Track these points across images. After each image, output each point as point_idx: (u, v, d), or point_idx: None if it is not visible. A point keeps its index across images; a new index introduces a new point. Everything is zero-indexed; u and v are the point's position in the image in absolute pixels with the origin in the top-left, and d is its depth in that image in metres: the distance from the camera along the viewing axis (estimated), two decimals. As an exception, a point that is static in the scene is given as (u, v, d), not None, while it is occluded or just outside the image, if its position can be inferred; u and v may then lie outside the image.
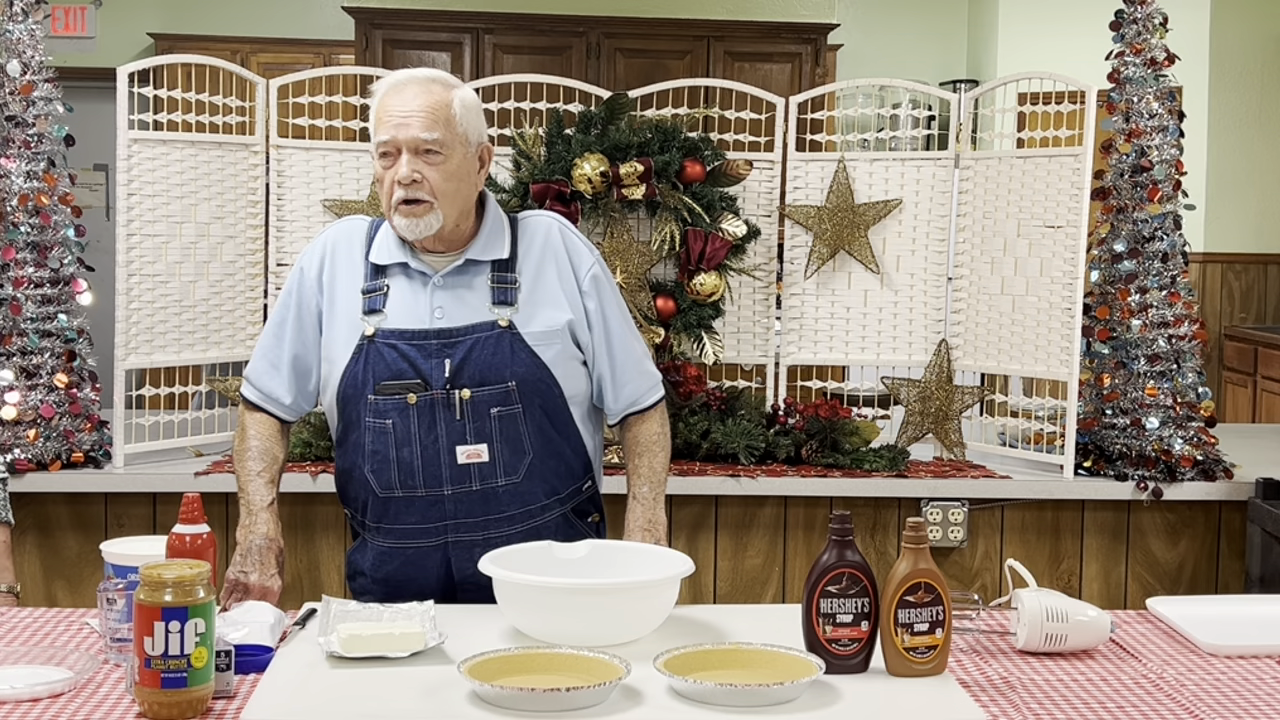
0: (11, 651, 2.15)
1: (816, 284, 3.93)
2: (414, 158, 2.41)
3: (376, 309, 2.48)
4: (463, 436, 2.45)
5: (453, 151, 2.43)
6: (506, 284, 2.49)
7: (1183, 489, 3.66)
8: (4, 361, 3.51)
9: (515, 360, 2.45)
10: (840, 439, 3.72)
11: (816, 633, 2.08)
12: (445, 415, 2.44)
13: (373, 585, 2.53)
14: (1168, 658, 2.25)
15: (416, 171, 2.41)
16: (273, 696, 1.97)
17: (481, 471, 2.46)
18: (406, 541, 2.49)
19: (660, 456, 2.63)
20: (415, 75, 2.48)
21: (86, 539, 3.52)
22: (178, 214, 3.65)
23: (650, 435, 2.63)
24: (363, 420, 2.47)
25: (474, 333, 2.45)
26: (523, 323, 2.48)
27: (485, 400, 2.44)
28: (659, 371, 2.70)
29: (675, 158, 3.72)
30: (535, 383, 2.47)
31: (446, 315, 2.47)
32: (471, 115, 2.47)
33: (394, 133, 2.41)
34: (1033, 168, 3.72)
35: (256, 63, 8.13)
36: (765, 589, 3.69)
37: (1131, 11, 3.74)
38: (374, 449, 2.47)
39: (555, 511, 2.54)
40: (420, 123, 2.40)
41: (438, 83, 2.46)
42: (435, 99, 2.43)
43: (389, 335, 2.46)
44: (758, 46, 7.97)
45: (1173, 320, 3.69)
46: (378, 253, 2.52)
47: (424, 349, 2.45)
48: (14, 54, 3.56)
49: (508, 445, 2.46)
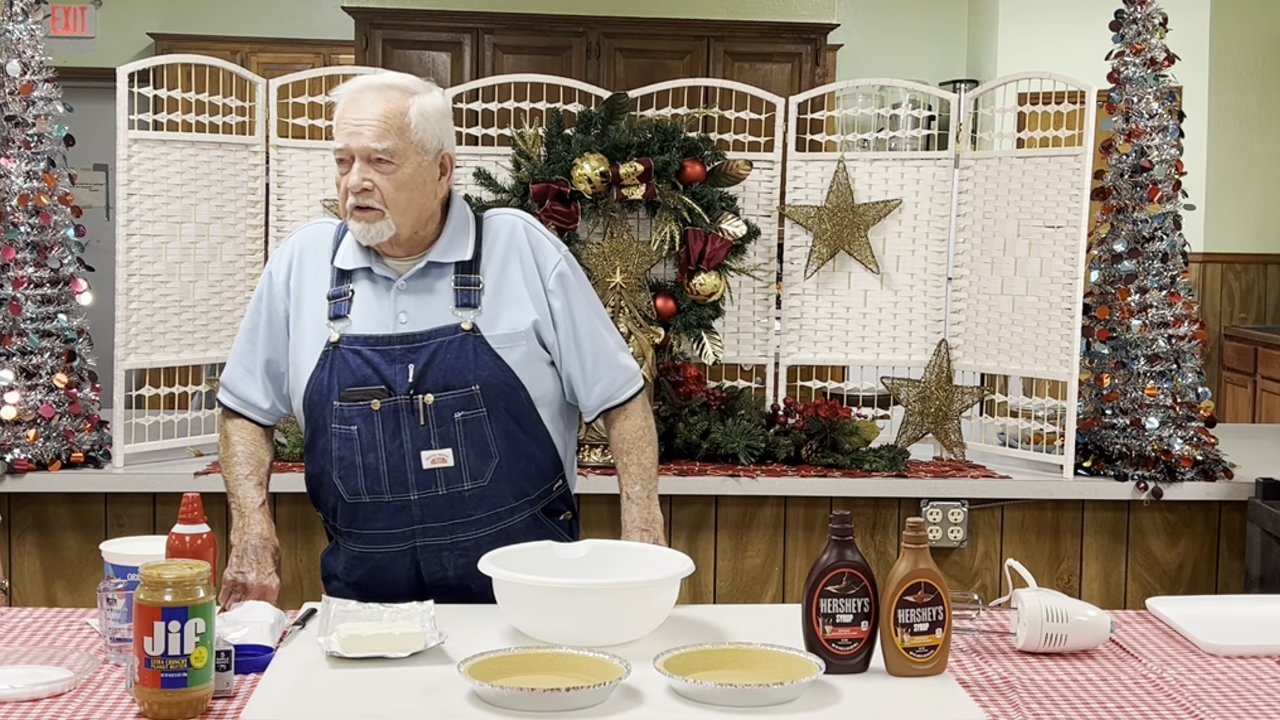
0: (11, 651, 2.15)
1: (816, 284, 3.93)
2: (365, 165, 2.40)
3: (341, 314, 2.47)
4: (427, 441, 2.44)
5: (405, 160, 2.41)
6: (470, 285, 2.47)
7: (1182, 489, 3.66)
8: (4, 361, 3.51)
9: (479, 364, 2.44)
10: (840, 439, 3.72)
11: (816, 633, 2.07)
12: (409, 420, 2.43)
13: (346, 589, 2.53)
14: (1168, 658, 2.25)
15: (367, 180, 2.40)
16: (273, 696, 1.97)
17: (447, 476, 2.45)
18: (375, 546, 2.49)
19: (648, 452, 2.60)
20: (373, 82, 2.44)
21: (86, 539, 3.52)
22: (177, 214, 3.65)
23: (634, 431, 2.60)
24: (329, 426, 2.47)
25: (437, 337, 2.44)
26: (486, 325, 2.46)
27: (449, 405, 2.43)
28: (637, 365, 2.66)
29: (675, 158, 3.72)
30: (500, 386, 2.45)
31: (410, 320, 2.45)
32: (430, 123, 2.43)
33: (347, 140, 2.40)
34: (1033, 168, 3.72)
35: (256, 63, 8.13)
36: (765, 589, 3.69)
37: (1131, 11, 3.74)
38: (340, 455, 2.47)
39: (525, 513, 2.53)
40: (372, 131, 2.39)
41: (396, 90, 2.43)
42: (390, 107, 2.40)
43: (353, 341, 2.45)
44: (757, 46, 7.97)
45: (1172, 320, 3.69)
46: (343, 258, 2.51)
47: (388, 354, 2.44)
48: (14, 54, 3.56)
49: (473, 449, 2.45)
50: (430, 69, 7.84)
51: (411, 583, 2.50)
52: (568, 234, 3.70)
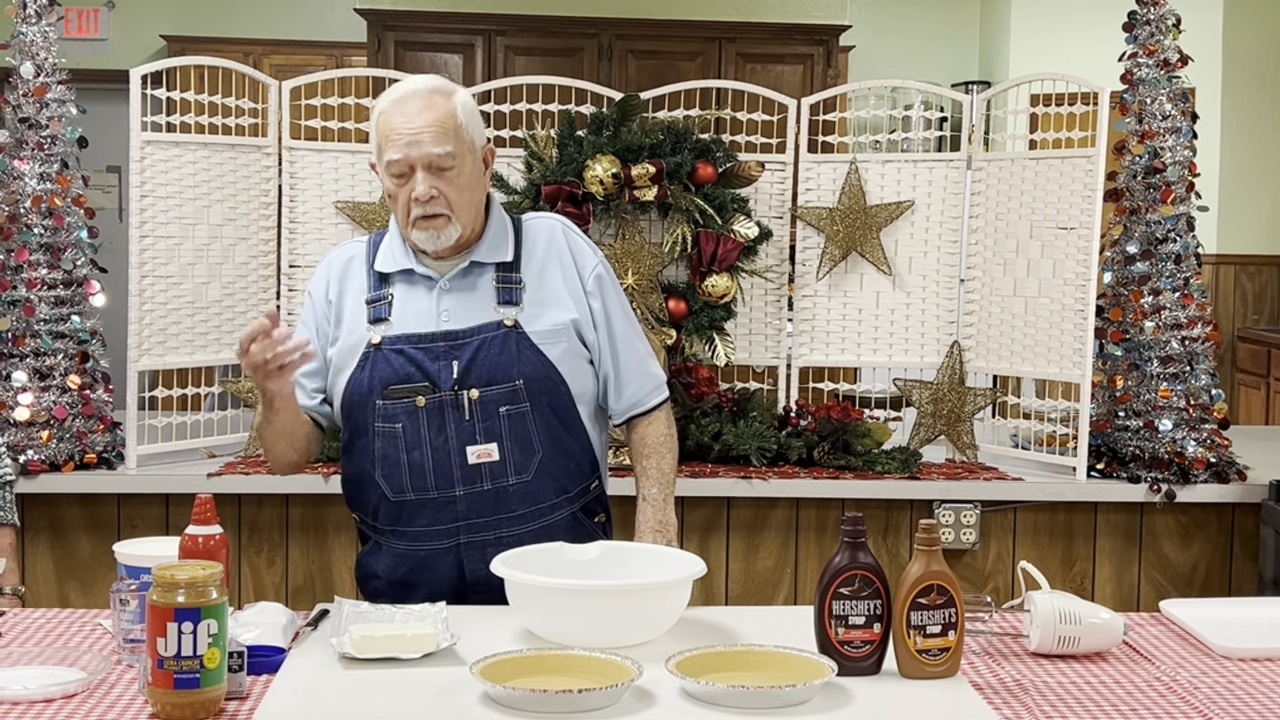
0: (25, 652, 2.15)
1: (828, 285, 3.92)
2: (429, 174, 2.42)
3: (382, 317, 2.50)
4: (472, 436, 2.46)
5: (464, 161, 2.45)
6: (511, 284, 2.51)
7: (1196, 491, 3.65)
8: (18, 363, 3.52)
9: (522, 359, 2.47)
10: (852, 441, 3.72)
11: (828, 635, 2.07)
12: (454, 416, 2.45)
13: (388, 588, 2.54)
14: (1181, 660, 2.25)
15: (434, 188, 2.42)
16: (285, 697, 1.97)
17: (492, 471, 2.47)
18: (420, 544, 2.50)
19: (669, 458, 2.64)
20: (415, 89, 2.46)
21: (99, 540, 3.53)
22: (190, 215, 3.65)
23: (657, 437, 2.63)
24: (371, 426, 2.48)
25: (480, 333, 2.47)
26: (528, 322, 2.49)
27: (493, 400, 2.45)
28: (664, 373, 2.70)
29: (687, 159, 3.72)
30: (542, 380, 2.48)
31: (453, 318, 2.48)
32: (473, 119, 2.49)
33: (406, 151, 2.41)
34: (1045, 169, 3.72)
35: (269, 65, 8.15)
36: (777, 591, 3.69)
37: (1144, 13, 3.73)
38: (384, 453, 2.48)
39: (565, 510, 2.54)
40: (431, 138, 2.41)
41: (439, 93, 2.46)
42: (441, 111, 2.43)
43: (395, 341, 2.47)
44: (769, 48, 7.96)
45: (1186, 322, 3.68)
46: (382, 261, 2.54)
47: (430, 351, 2.46)
48: (27, 56, 3.57)
49: (517, 444, 2.47)
50: (442, 71, 7.85)
51: (454, 581, 2.50)
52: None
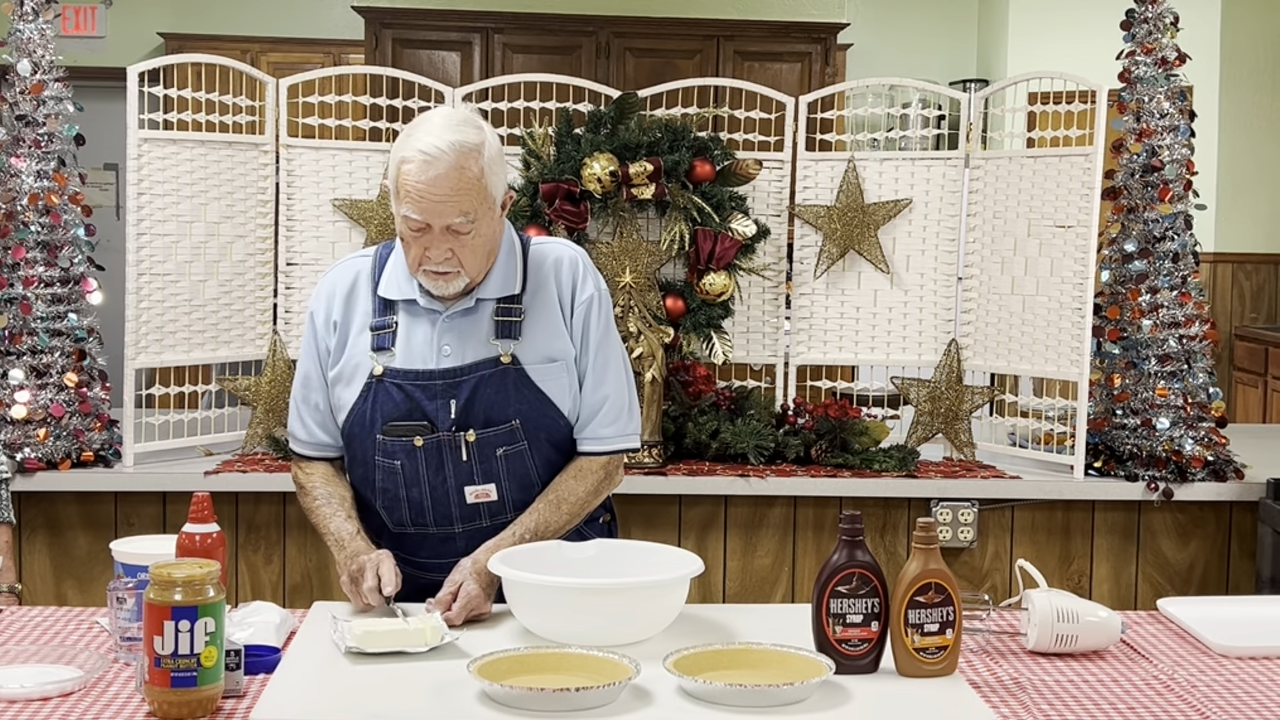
0: (22, 650, 2.15)
1: (826, 284, 3.92)
2: (445, 235, 2.34)
3: (385, 347, 2.45)
4: (470, 477, 2.44)
5: (481, 219, 2.35)
6: (511, 317, 2.44)
7: (1193, 489, 3.65)
8: (14, 360, 3.52)
9: (519, 397, 2.42)
10: (850, 439, 3.72)
11: (826, 633, 2.07)
12: (452, 457, 2.43)
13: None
14: (1179, 659, 2.25)
15: (449, 250, 2.35)
16: (283, 695, 1.97)
17: (491, 509, 2.46)
18: (423, 573, 2.48)
19: (560, 515, 2.44)
20: (442, 149, 2.30)
21: (96, 538, 3.52)
22: (187, 213, 3.65)
23: (571, 489, 2.47)
24: (371, 459, 2.47)
25: (478, 370, 2.42)
26: (525, 354, 2.44)
27: (490, 441, 2.43)
28: (628, 434, 2.53)
29: (685, 157, 3.72)
30: (539, 418, 2.45)
31: (452, 353, 2.43)
32: (496, 172, 2.37)
33: (425, 216, 2.31)
34: (1043, 167, 3.72)
35: (266, 62, 8.14)
36: (775, 589, 3.69)
37: (1142, 11, 3.73)
38: (384, 487, 2.48)
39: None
40: (454, 208, 2.31)
41: (468, 154, 2.31)
42: (467, 178, 2.31)
43: (396, 375, 2.43)
44: (767, 46, 7.97)
45: (1183, 320, 3.68)
46: (386, 287, 2.48)
47: (429, 390, 2.42)
48: (24, 53, 3.56)
49: (515, 483, 2.46)
50: (440, 68, 7.85)
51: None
52: (577, 233, 3.70)
